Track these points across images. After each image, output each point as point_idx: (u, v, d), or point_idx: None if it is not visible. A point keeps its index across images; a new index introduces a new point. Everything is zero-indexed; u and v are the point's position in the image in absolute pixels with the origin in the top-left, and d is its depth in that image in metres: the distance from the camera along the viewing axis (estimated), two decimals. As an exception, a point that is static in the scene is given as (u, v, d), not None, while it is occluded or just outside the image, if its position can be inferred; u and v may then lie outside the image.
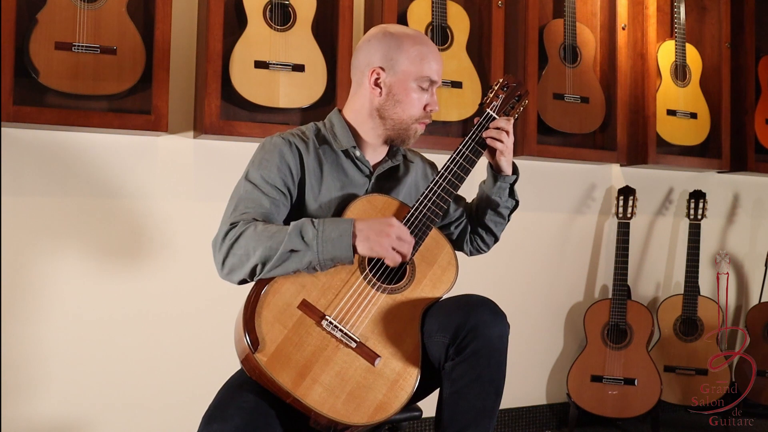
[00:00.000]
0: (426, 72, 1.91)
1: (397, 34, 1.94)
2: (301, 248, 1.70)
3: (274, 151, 1.90)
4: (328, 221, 1.73)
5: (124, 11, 2.70)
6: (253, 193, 1.84)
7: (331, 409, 1.68)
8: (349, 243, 1.71)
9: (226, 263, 1.75)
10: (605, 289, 3.81)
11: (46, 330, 2.74)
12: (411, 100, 1.93)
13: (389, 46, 1.92)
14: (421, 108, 1.95)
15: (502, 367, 1.76)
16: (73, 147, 2.77)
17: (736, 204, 4.20)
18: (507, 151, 2.01)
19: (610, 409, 3.50)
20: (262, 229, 1.72)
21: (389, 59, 1.92)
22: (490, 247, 2.23)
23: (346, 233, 1.71)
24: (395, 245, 1.73)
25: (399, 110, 1.93)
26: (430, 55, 1.93)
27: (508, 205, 2.13)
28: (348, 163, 1.97)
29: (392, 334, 1.78)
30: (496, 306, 1.79)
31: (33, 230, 2.72)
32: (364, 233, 1.72)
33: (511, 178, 2.08)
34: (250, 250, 1.71)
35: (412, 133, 1.97)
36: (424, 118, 1.97)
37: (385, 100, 1.93)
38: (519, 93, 2.03)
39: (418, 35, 1.96)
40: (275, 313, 1.72)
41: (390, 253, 1.72)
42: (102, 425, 2.82)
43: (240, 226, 1.75)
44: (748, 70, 3.93)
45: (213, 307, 2.92)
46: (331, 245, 1.70)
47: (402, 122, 1.94)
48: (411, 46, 1.92)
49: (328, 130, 2.00)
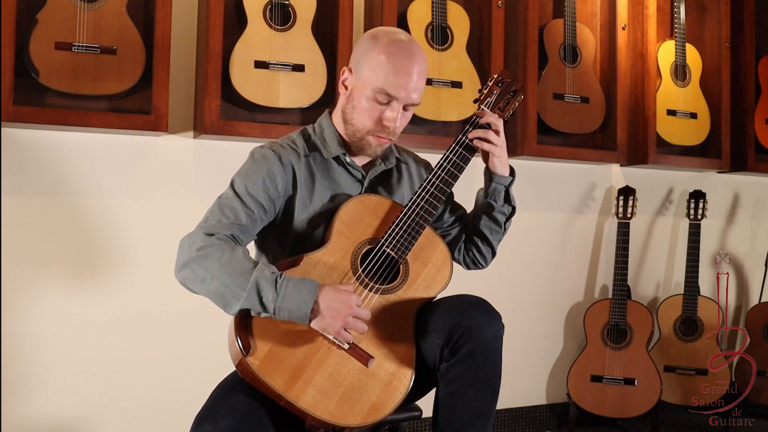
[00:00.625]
0: (383, 85, 1.81)
1: (377, 38, 1.86)
2: (259, 309, 1.67)
3: (263, 164, 1.87)
4: (291, 284, 1.67)
5: (124, 11, 2.70)
6: (234, 202, 1.82)
7: (324, 411, 1.68)
8: (307, 314, 1.67)
9: (183, 271, 1.73)
10: (605, 289, 3.81)
11: (45, 330, 2.74)
12: (363, 110, 1.85)
13: (363, 49, 1.88)
14: (373, 121, 1.86)
15: (497, 367, 1.76)
16: (73, 147, 2.78)
17: (736, 204, 4.20)
18: (497, 150, 1.94)
19: (610, 409, 3.50)
20: (228, 258, 1.69)
21: (357, 62, 1.88)
22: (487, 259, 2.13)
23: (305, 304, 1.66)
24: (349, 325, 1.69)
25: (355, 116, 1.88)
26: (399, 70, 1.81)
27: (504, 211, 2.04)
28: (340, 170, 1.95)
29: (385, 334, 1.78)
30: (491, 306, 1.78)
31: (33, 230, 2.73)
32: (320, 310, 1.68)
33: (506, 179, 2.00)
34: (208, 276, 1.69)
35: (365, 145, 1.89)
36: (380, 133, 1.87)
37: (346, 103, 1.91)
38: (514, 88, 1.99)
39: (401, 47, 1.84)
40: (267, 317, 1.71)
41: (342, 335, 1.70)
42: (101, 425, 2.83)
43: (212, 243, 1.72)
44: (748, 70, 3.93)
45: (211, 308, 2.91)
46: (287, 313, 1.67)
47: (357, 130, 1.89)
48: (381, 54, 1.82)
49: (318, 135, 1.97)
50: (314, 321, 1.68)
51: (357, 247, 1.84)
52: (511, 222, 2.10)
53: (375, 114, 1.85)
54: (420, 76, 1.85)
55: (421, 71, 1.86)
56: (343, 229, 1.84)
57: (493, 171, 1.99)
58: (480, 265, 2.14)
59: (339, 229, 1.83)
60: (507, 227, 2.10)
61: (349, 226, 1.85)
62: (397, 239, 1.83)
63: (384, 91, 1.82)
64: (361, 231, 1.85)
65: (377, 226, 1.87)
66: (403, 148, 2.15)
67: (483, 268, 2.17)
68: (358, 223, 1.86)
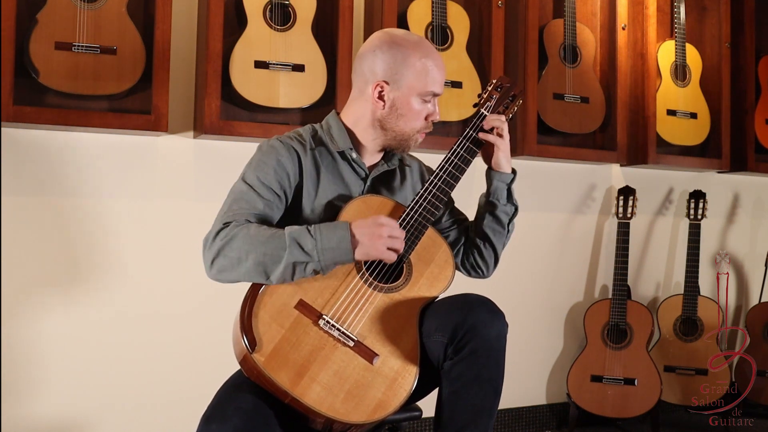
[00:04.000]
0: (430, 87, 1.92)
1: (402, 45, 1.91)
2: (304, 259, 1.70)
3: (272, 153, 1.90)
4: (323, 227, 1.74)
5: (124, 11, 2.70)
6: (248, 194, 1.83)
7: (329, 408, 1.68)
8: (349, 248, 1.72)
9: (215, 263, 1.74)
10: (605, 289, 3.81)
11: (45, 330, 2.74)
12: (414, 114, 1.93)
13: (395, 59, 1.90)
14: (423, 120, 1.95)
15: (500, 366, 1.76)
16: (73, 147, 2.78)
17: (736, 204, 4.20)
18: (503, 144, 1.99)
19: (610, 409, 3.50)
20: (255, 231, 1.72)
21: (394, 73, 1.91)
22: (489, 266, 2.12)
23: (344, 239, 1.72)
24: (389, 244, 1.74)
25: (402, 123, 1.93)
26: (435, 68, 1.92)
27: (507, 211, 2.06)
28: (344, 165, 1.97)
29: (390, 332, 1.78)
30: (494, 305, 1.79)
31: (33, 230, 2.73)
32: (356, 238, 1.73)
33: (508, 176, 2.03)
34: (242, 253, 1.70)
35: (412, 143, 1.98)
36: (426, 129, 1.98)
37: (388, 113, 1.93)
38: (513, 93, 2.02)
39: (423, 46, 1.94)
40: (272, 314, 1.72)
41: (386, 254, 1.74)
42: (102, 425, 2.82)
43: (232, 226, 1.75)
44: (748, 70, 3.93)
45: (212, 307, 2.92)
46: (331, 253, 1.71)
47: (404, 134, 1.95)
48: (417, 60, 1.90)
49: (325, 131, 1.99)
50: (357, 250, 1.73)
51: None
52: (514, 224, 2.11)
53: (423, 114, 1.95)
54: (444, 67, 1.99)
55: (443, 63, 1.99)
56: None
57: (496, 168, 2.02)
58: (481, 271, 2.13)
59: None
60: (510, 229, 2.10)
61: None
62: None
63: (432, 92, 1.93)
64: None
65: None
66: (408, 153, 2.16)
67: (485, 277, 2.16)
68: None
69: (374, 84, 1.92)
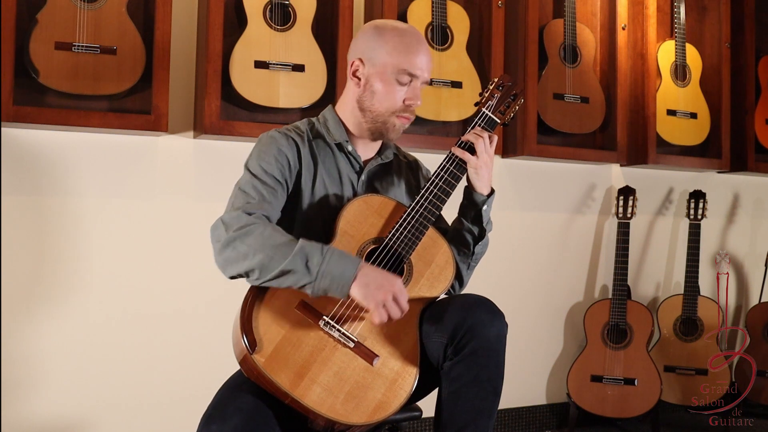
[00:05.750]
0: (404, 65, 1.88)
1: (383, 26, 1.94)
2: (301, 272, 1.67)
3: (272, 143, 1.91)
4: (336, 253, 1.70)
5: (124, 11, 2.70)
6: (254, 182, 1.84)
7: (330, 409, 1.68)
8: (348, 283, 1.68)
9: (224, 253, 1.72)
10: (605, 289, 3.81)
11: (45, 330, 2.74)
12: (387, 92, 1.90)
13: (371, 37, 1.93)
14: (398, 101, 1.91)
15: (500, 366, 1.76)
16: (73, 147, 2.78)
17: (736, 204, 4.20)
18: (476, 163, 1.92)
19: (610, 409, 3.50)
20: (270, 233, 1.71)
21: (369, 50, 1.92)
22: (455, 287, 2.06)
23: (348, 274, 1.68)
24: (388, 304, 1.70)
25: (376, 102, 1.92)
26: (414, 48, 1.90)
27: (473, 231, 2.00)
28: (340, 157, 1.98)
29: (390, 333, 1.78)
30: (494, 305, 1.79)
31: (33, 230, 2.73)
32: (364, 280, 1.69)
33: (479, 196, 1.97)
34: (251, 251, 1.69)
35: (390, 127, 1.94)
36: (403, 112, 1.93)
37: (363, 92, 1.94)
38: (514, 92, 2.01)
39: (408, 29, 1.93)
40: (273, 314, 1.72)
41: (379, 310, 1.69)
42: (102, 425, 2.82)
43: (253, 220, 1.73)
44: (748, 70, 3.93)
45: (212, 307, 2.92)
46: (329, 280, 1.68)
47: (379, 115, 1.93)
48: (393, 37, 1.90)
49: (322, 124, 2.02)
50: (355, 288, 1.68)
51: (361, 247, 1.84)
52: (484, 247, 2.05)
53: (397, 95, 1.91)
54: (429, 56, 1.95)
55: (428, 51, 1.96)
56: (347, 229, 1.84)
57: (470, 186, 1.99)
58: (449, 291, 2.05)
59: (343, 229, 1.84)
60: (477, 252, 2.04)
61: (353, 225, 1.85)
62: (401, 239, 1.84)
63: (406, 71, 1.89)
64: (365, 231, 1.86)
65: (381, 225, 1.88)
66: (401, 148, 2.18)
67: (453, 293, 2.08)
68: (362, 223, 1.86)
69: (350, 62, 1.95)
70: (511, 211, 3.57)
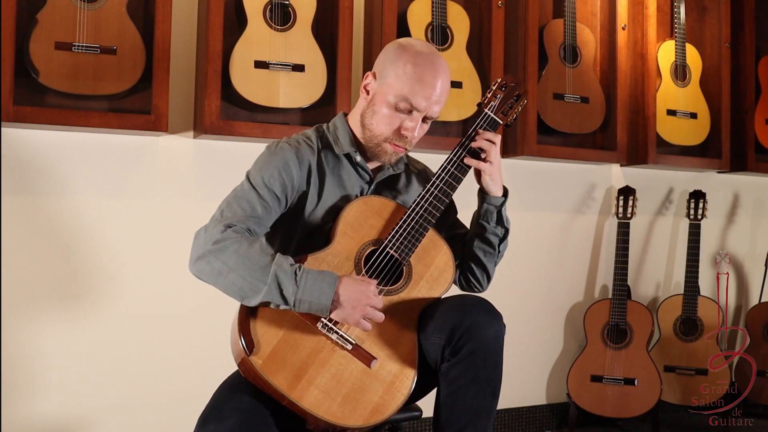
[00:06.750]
0: (407, 93, 1.82)
1: (405, 47, 1.87)
2: (279, 301, 1.68)
3: (279, 155, 1.87)
4: (311, 275, 1.68)
5: (124, 11, 2.70)
6: (250, 194, 1.82)
7: (327, 412, 1.68)
8: (327, 306, 1.68)
9: (197, 264, 1.73)
10: (605, 289, 3.81)
11: (46, 330, 2.74)
12: (383, 116, 1.86)
13: (390, 54, 1.88)
14: (392, 128, 1.86)
15: (498, 367, 1.76)
16: (73, 147, 2.78)
17: (736, 204, 4.20)
18: (488, 168, 1.93)
19: (610, 409, 3.50)
20: (246, 251, 1.69)
21: (383, 68, 1.88)
22: (482, 283, 2.09)
23: (324, 300, 1.68)
24: (368, 314, 1.72)
25: (374, 122, 1.88)
26: (425, 80, 1.83)
27: (497, 233, 2.01)
28: (349, 168, 1.95)
29: (388, 335, 1.78)
30: (492, 306, 1.78)
31: (33, 230, 2.73)
32: (340, 301, 1.70)
33: (498, 199, 1.98)
34: (225, 269, 1.69)
35: (381, 151, 1.90)
36: (397, 141, 1.88)
37: (367, 107, 1.91)
38: (517, 93, 2.00)
39: (427, 58, 1.85)
40: (271, 316, 1.72)
41: (362, 324, 1.72)
42: (101, 425, 2.82)
43: (230, 236, 1.71)
44: (748, 70, 3.93)
45: (212, 308, 2.91)
46: (308, 305, 1.68)
47: (374, 136, 1.89)
48: (408, 61, 1.84)
49: (332, 133, 1.98)
50: (334, 312, 1.70)
51: (361, 248, 1.84)
52: (506, 244, 2.07)
53: (395, 122, 1.86)
54: (443, 90, 1.87)
55: (444, 86, 1.87)
56: (347, 230, 1.84)
57: (485, 190, 1.98)
58: (476, 288, 2.10)
59: (343, 230, 1.84)
60: (501, 250, 2.06)
61: (353, 227, 1.85)
62: (400, 241, 1.83)
63: (407, 100, 1.83)
64: (365, 232, 1.86)
65: (381, 227, 1.87)
66: (413, 158, 2.15)
67: (480, 292, 2.11)
68: (362, 225, 1.86)
69: (366, 74, 1.92)
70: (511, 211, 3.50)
